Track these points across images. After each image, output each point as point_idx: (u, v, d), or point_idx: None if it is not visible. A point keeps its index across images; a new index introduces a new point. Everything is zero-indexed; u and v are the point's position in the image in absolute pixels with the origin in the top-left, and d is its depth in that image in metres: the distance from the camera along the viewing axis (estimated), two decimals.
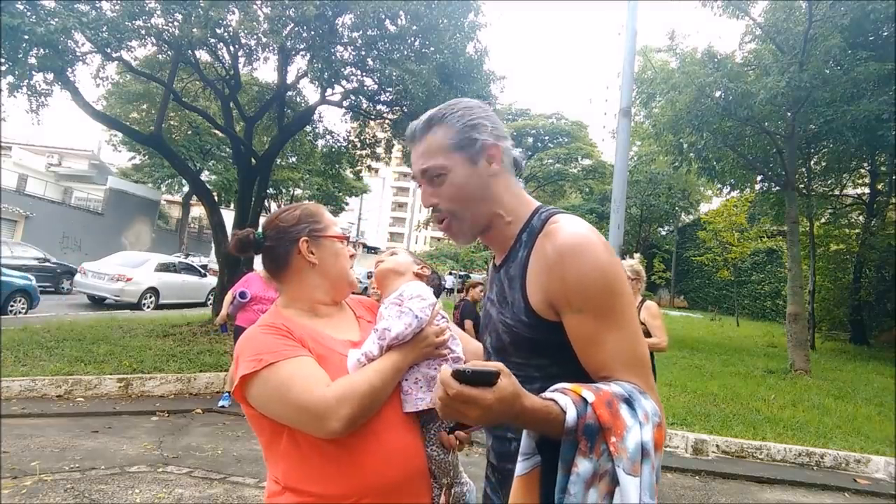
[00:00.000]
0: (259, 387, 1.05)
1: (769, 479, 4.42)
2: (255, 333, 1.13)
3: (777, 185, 11.47)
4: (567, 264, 0.89)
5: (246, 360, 1.06)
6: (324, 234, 1.24)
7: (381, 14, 7.46)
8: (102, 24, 6.47)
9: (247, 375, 1.05)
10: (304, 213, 1.25)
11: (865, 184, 14.86)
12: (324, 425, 1.02)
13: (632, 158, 24.25)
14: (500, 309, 1.02)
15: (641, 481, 0.78)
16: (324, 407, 1.01)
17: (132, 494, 3.30)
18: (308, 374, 1.05)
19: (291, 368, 1.05)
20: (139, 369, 5.81)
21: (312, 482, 1.07)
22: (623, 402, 0.82)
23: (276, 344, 1.09)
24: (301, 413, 1.03)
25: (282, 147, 10.34)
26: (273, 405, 1.06)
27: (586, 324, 0.89)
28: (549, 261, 0.92)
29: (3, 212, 19.40)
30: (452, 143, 1.01)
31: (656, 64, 14.76)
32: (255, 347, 1.08)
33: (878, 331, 15.01)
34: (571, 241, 0.91)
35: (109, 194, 26.40)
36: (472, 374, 0.77)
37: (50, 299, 12.37)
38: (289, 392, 1.03)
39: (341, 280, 1.26)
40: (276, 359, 1.05)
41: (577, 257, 0.89)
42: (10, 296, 9.63)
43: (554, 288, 0.90)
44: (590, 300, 0.88)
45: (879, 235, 13.43)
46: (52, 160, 30.85)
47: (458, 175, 1.01)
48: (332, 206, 34.63)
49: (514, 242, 1.02)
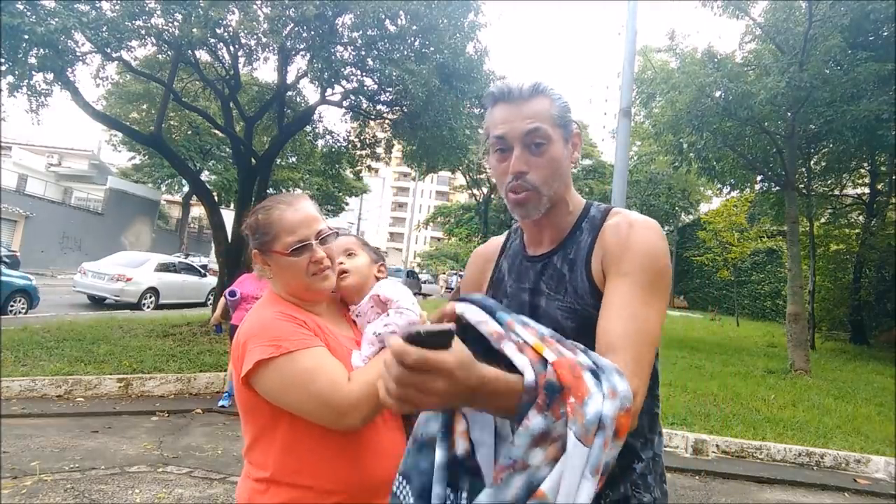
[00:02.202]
0: (274, 373, 1.03)
1: (769, 479, 4.42)
2: (269, 318, 1.09)
3: (777, 185, 11.47)
4: (636, 232, 0.94)
5: (261, 345, 1.03)
6: (270, 248, 1.15)
7: (381, 14, 7.45)
8: (102, 24, 6.47)
9: (262, 361, 1.02)
10: (255, 223, 1.17)
11: (865, 184, 14.84)
12: (343, 420, 1.02)
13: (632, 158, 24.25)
14: (557, 296, 1.00)
15: (590, 453, 0.69)
16: (347, 403, 1.01)
17: (132, 494, 3.30)
18: (331, 368, 1.05)
19: (313, 359, 1.04)
20: (139, 369, 5.81)
21: (307, 475, 1.06)
22: (588, 370, 0.74)
23: (293, 331, 1.07)
24: (323, 406, 1.02)
25: (282, 147, 10.33)
26: (290, 394, 1.03)
27: (623, 287, 0.90)
28: (619, 232, 0.95)
29: (3, 212, 19.40)
30: (557, 117, 1.00)
31: (656, 64, 14.75)
32: (270, 333, 1.06)
33: (878, 331, 15.00)
34: (646, 220, 0.97)
35: (109, 194, 26.42)
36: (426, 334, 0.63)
37: (50, 300, 12.35)
38: (312, 383, 1.02)
39: (297, 292, 1.17)
40: (295, 347, 1.04)
41: (647, 231, 0.94)
42: (10, 296, 9.63)
43: (614, 252, 0.93)
44: (637, 268, 0.91)
45: (879, 235, 13.42)
46: (52, 160, 30.86)
47: (557, 149, 1.00)
48: (331, 206, 34.71)
49: (573, 230, 1.03)
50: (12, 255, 16.58)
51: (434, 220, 41.58)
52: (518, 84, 1.00)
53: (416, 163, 10.97)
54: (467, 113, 8.93)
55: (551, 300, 1.00)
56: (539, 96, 0.99)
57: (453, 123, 8.60)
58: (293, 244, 1.13)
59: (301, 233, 1.14)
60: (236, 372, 1.10)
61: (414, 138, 9.44)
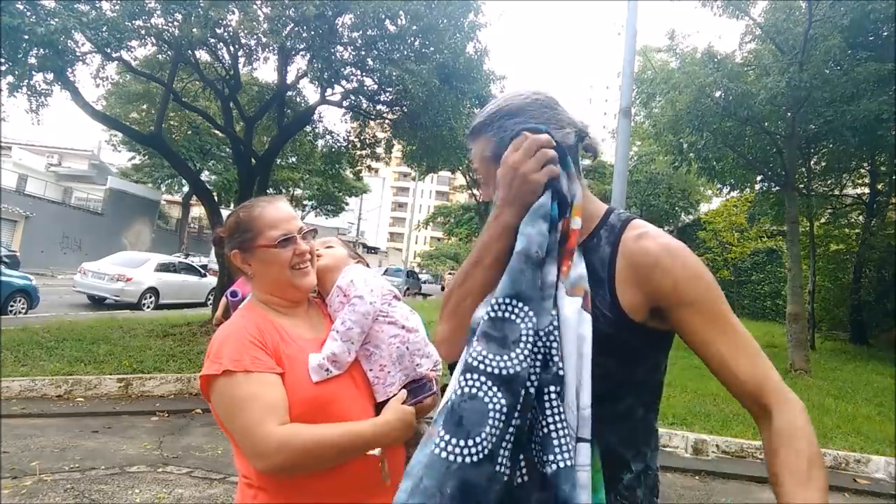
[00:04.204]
0: (214, 393, 1.04)
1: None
2: (231, 330, 1.10)
3: (777, 185, 11.46)
4: (677, 262, 0.92)
5: (209, 359, 1.05)
6: (253, 245, 1.16)
7: (381, 14, 7.45)
8: (102, 24, 6.46)
9: (205, 376, 1.03)
10: (235, 223, 1.18)
11: (865, 184, 14.83)
12: (258, 461, 1.01)
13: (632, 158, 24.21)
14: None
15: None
16: (263, 446, 0.99)
17: (132, 494, 3.30)
18: (266, 401, 1.01)
19: (250, 388, 1.02)
20: (139, 369, 5.80)
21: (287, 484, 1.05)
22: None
23: (243, 350, 1.05)
24: (244, 439, 1.02)
25: (282, 147, 10.33)
26: (223, 417, 1.05)
27: (699, 314, 0.91)
28: (653, 258, 0.92)
29: (3, 212, 19.40)
30: (489, 157, 1.02)
31: (656, 64, 14.75)
32: (220, 349, 1.06)
33: (878, 331, 14.99)
34: (675, 242, 0.95)
35: (109, 194, 26.42)
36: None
37: (50, 300, 12.36)
38: (240, 413, 1.01)
39: (279, 287, 1.18)
40: (235, 368, 1.02)
41: (688, 256, 0.93)
42: (10, 296, 9.63)
43: (665, 283, 0.91)
44: (703, 293, 0.91)
45: (879, 235, 13.42)
46: (52, 160, 30.90)
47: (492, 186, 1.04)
48: (331, 206, 34.73)
49: (590, 237, 1.00)
50: (12, 255, 16.59)
51: (434, 220, 41.56)
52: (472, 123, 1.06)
53: (416, 163, 10.98)
54: (467, 113, 8.92)
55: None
56: (478, 139, 1.03)
57: (453, 123, 8.60)
58: (278, 237, 1.15)
59: (284, 227, 1.16)
60: None
61: (414, 138, 9.44)
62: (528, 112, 1.00)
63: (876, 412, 6.43)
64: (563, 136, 0.99)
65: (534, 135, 0.92)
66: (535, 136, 0.92)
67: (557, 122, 1.00)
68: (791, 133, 9.73)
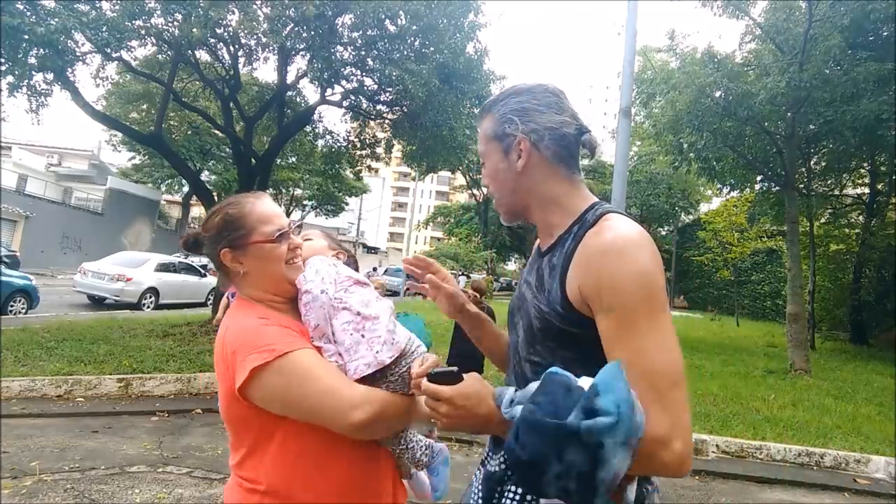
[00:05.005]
0: (274, 377, 1.00)
1: (769, 479, 4.42)
2: (252, 325, 1.06)
3: (777, 185, 11.47)
4: (607, 262, 0.89)
5: (253, 352, 1.01)
6: (246, 241, 1.13)
7: (381, 14, 7.45)
8: (102, 24, 6.46)
9: (258, 368, 0.99)
10: (224, 220, 1.14)
11: (865, 184, 14.84)
12: (353, 414, 1.00)
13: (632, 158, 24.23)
14: (537, 294, 1.02)
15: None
16: (354, 398, 1.01)
17: (132, 494, 3.31)
18: (331, 368, 1.05)
19: (310, 358, 1.03)
20: (139, 369, 5.80)
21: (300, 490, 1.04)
22: None
23: (282, 334, 1.05)
24: (328, 401, 1.00)
25: (282, 147, 10.33)
26: (296, 393, 1.00)
27: (612, 325, 0.88)
28: (591, 256, 0.92)
29: (3, 212, 19.41)
30: (492, 134, 1.07)
31: (656, 64, 14.75)
32: (259, 339, 1.03)
33: (878, 331, 15.00)
34: (618, 240, 0.90)
35: (109, 194, 26.42)
36: (435, 374, 0.93)
37: (50, 300, 12.36)
38: (318, 379, 1.01)
39: (275, 284, 1.15)
40: (289, 348, 1.02)
41: (618, 257, 0.88)
42: (10, 296, 9.63)
43: (589, 283, 0.91)
44: (620, 302, 0.87)
45: (879, 235, 13.43)
46: (52, 160, 30.90)
47: (491, 164, 1.09)
48: (331, 206, 34.72)
49: (565, 233, 1.02)
50: (12, 255, 16.58)
51: (434, 220, 41.58)
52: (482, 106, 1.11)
53: (416, 163, 10.97)
54: (467, 113, 8.92)
55: (533, 297, 1.03)
56: (485, 116, 1.09)
57: (453, 123, 8.60)
58: (274, 232, 1.13)
59: (277, 222, 1.15)
60: (223, 385, 1.06)
61: (414, 138, 9.44)
62: (533, 93, 1.05)
63: (876, 412, 6.44)
64: (561, 122, 1.03)
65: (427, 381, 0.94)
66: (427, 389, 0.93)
67: (558, 108, 1.04)
68: (791, 133, 9.73)
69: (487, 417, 0.89)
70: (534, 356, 1.01)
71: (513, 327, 1.13)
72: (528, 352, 1.03)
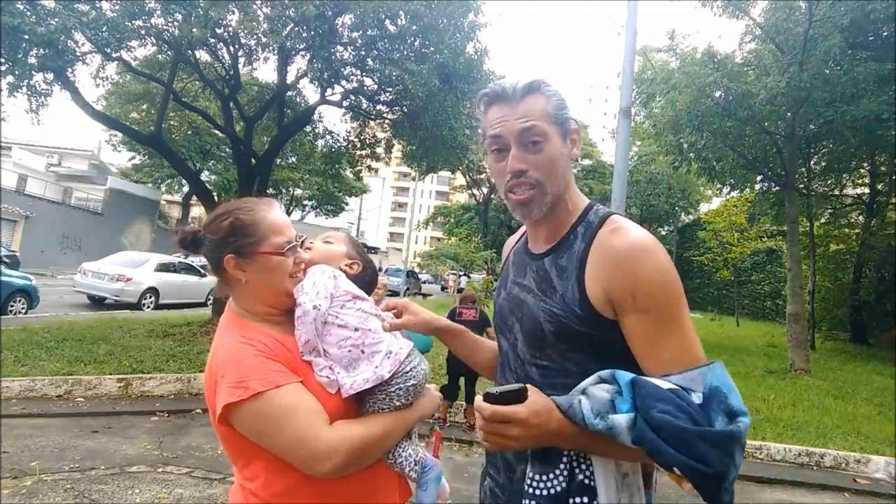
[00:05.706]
0: (245, 417, 0.97)
1: (769, 479, 4.42)
2: (237, 351, 1.02)
3: (777, 185, 11.48)
4: (640, 262, 0.90)
5: (228, 386, 0.97)
6: (254, 250, 1.08)
7: (381, 14, 7.45)
8: (102, 24, 6.46)
9: (230, 405, 0.96)
10: (234, 225, 1.08)
11: (865, 184, 14.85)
12: (317, 466, 0.97)
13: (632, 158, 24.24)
14: (543, 297, 1.00)
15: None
16: (323, 448, 0.96)
17: (132, 494, 3.31)
18: (308, 408, 0.99)
19: (287, 398, 0.98)
20: (139, 369, 5.80)
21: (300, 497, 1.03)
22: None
23: (261, 368, 0.99)
24: (297, 449, 0.97)
25: (282, 147, 10.33)
26: (265, 436, 0.98)
27: (649, 324, 0.89)
28: (618, 257, 0.91)
29: (3, 212, 19.41)
30: (552, 114, 1.00)
31: (656, 64, 14.74)
32: (238, 371, 0.98)
33: (878, 331, 15.01)
34: (643, 241, 0.92)
35: (109, 194, 26.42)
36: (500, 394, 0.82)
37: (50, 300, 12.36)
38: (286, 425, 0.96)
39: (275, 296, 1.11)
40: (264, 387, 0.97)
41: (649, 257, 0.90)
42: (10, 296, 9.62)
43: (620, 284, 0.90)
44: (656, 301, 0.89)
45: (879, 235, 13.43)
46: (52, 160, 30.90)
47: (554, 146, 1.00)
48: (331, 206, 34.74)
49: (568, 233, 1.01)
50: (12, 255, 16.58)
51: (434, 220, 41.59)
52: (512, 83, 1.01)
53: (416, 163, 10.97)
54: (467, 113, 8.92)
55: (537, 300, 1.01)
56: (533, 94, 1.00)
57: (453, 123, 8.59)
58: (284, 244, 1.09)
59: (288, 233, 1.11)
60: (209, 406, 1.04)
61: (414, 138, 9.44)
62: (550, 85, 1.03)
63: (876, 412, 6.44)
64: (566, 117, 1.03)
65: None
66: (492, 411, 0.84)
67: (564, 102, 1.03)
68: (791, 133, 9.73)
69: (558, 431, 0.84)
70: (541, 360, 1.00)
71: (507, 331, 1.10)
72: (534, 355, 1.01)
